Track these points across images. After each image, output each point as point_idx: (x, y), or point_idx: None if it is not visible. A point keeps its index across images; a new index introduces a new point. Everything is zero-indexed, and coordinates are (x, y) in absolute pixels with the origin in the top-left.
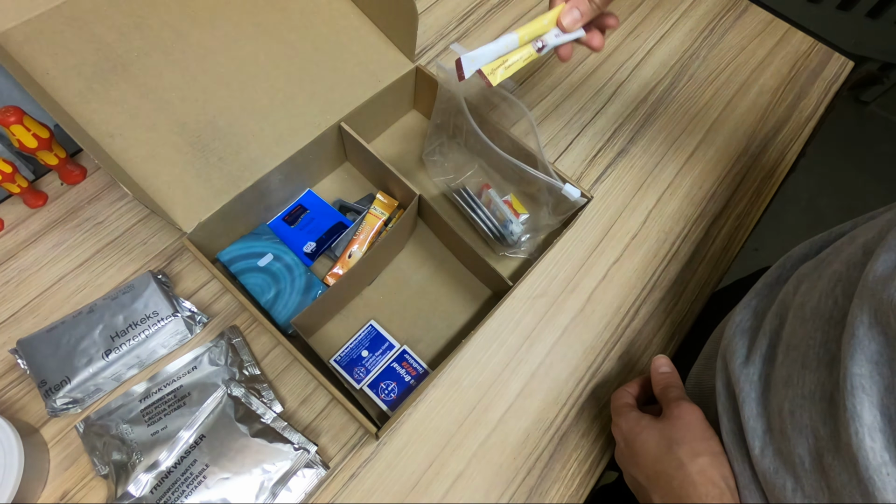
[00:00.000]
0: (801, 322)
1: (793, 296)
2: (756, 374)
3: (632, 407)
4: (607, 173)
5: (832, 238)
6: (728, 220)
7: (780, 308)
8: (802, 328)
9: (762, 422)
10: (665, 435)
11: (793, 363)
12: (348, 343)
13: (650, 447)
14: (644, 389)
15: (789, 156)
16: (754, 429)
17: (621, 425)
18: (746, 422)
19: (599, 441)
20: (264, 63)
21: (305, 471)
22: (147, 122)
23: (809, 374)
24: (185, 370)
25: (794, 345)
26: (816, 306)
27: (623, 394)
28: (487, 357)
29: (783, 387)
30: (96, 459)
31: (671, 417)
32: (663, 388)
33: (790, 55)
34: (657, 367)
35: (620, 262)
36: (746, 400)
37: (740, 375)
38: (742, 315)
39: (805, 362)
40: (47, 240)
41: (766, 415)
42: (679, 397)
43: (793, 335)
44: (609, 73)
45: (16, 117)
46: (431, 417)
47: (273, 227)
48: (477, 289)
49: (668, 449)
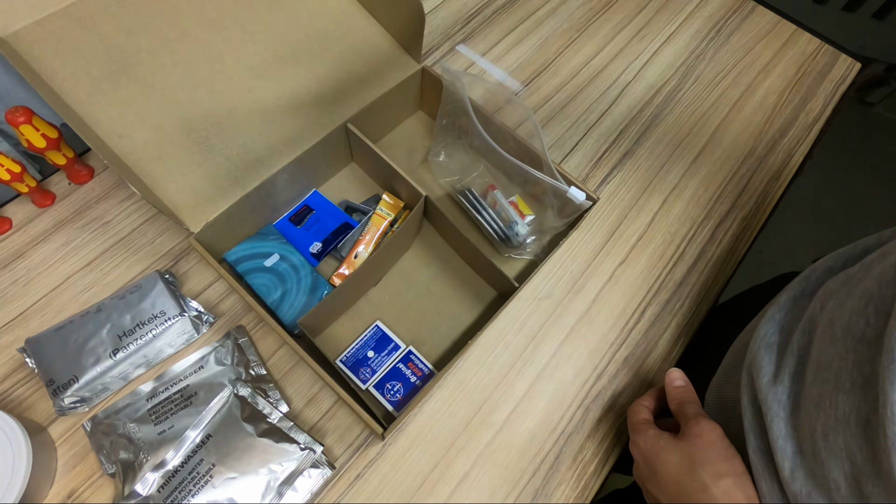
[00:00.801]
0: (831, 341)
1: (820, 312)
2: (785, 393)
3: (649, 423)
4: (613, 174)
5: (858, 252)
6: (734, 222)
7: (807, 325)
8: (833, 347)
9: (792, 442)
10: (686, 455)
11: (824, 384)
12: (354, 343)
13: (671, 467)
14: (659, 402)
15: (796, 157)
16: (783, 449)
17: (640, 444)
18: (775, 441)
19: (605, 443)
20: (271, 63)
21: (311, 471)
22: (155, 122)
23: (843, 396)
24: (191, 370)
25: (824, 364)
26: (847, 325)
27: (639, 409)
28: (493, 358)
29: (815, 408)
30: (103, 458)
31: (691, 436)
32: (679, 403)
33: (797, 56)
34: (671, 380)
35: (626, 263)
36: (775, 419)
37: (768, 393)
38: (767, 328)
39: (837, 384)
40: (55, 239)
41: (797, 435)
42: (697, 414)
43: (822, 354)
44: (615, 75)
45: (25, 117)
46: (437, 418)
47: (279, 228)
48: (482, 290)
49: (691, 470)
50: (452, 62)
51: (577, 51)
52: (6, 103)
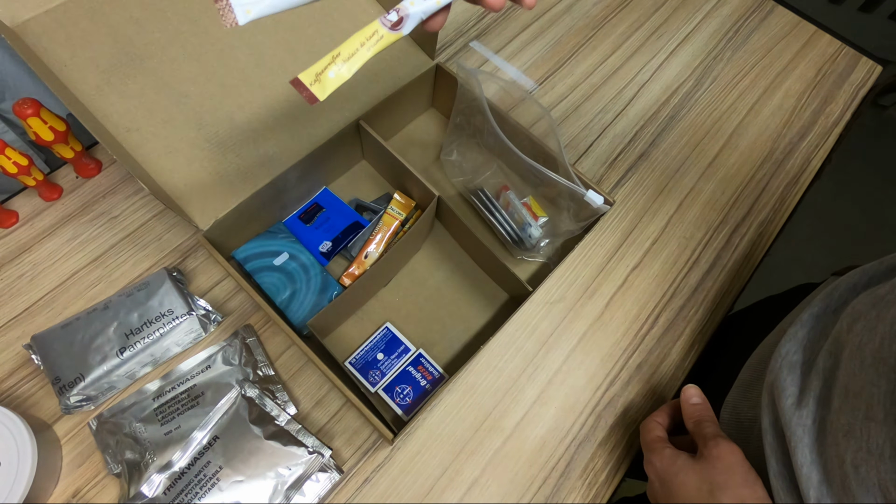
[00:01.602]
0: (861, 366)
1: (847, 334)
2: (810, 418)
3: (664, 442)
4: (628, 177)
5: (884, 270)
6: (751, 228)
7: (833, 346)
8: (862, 373)
9: (817, 470)
10: (705, 478)
11: (854, 412)
12: (364, 345)
13: (689, 490)
14: (672, 418)
15: (815, 162)
16: (808, 477)
17: (655, 463)
18: (800, 469)
19: (617, 451)
20: (283, 58)
21: (319, 475)
22: (164, 116)
23: (875, 426)
24: (198, 369)
25: (854, 391)
26: (878, 351)
27: (653, 426)
28: (503, 363)
29: (844, 437)
30: (109, 457)
31: (710, 458)
32: (697, 421)
33: (817, 58)
34: (688, 397)
35: (640, 268)
36: (799, 445)
37: (792, 417)
38: (788, 347)
39: (869, 413)
40: (62, 233)
41: (823, 463)
42: (716, 434)
43: (851, 379)
44: (631, 75)
45: (33, 109)
46: (446, 423)
47: (288, 226)
48: (494, 292)
49: (711, 494)
50: (466, 59)
51: (593, 49)
52: (13, 93)
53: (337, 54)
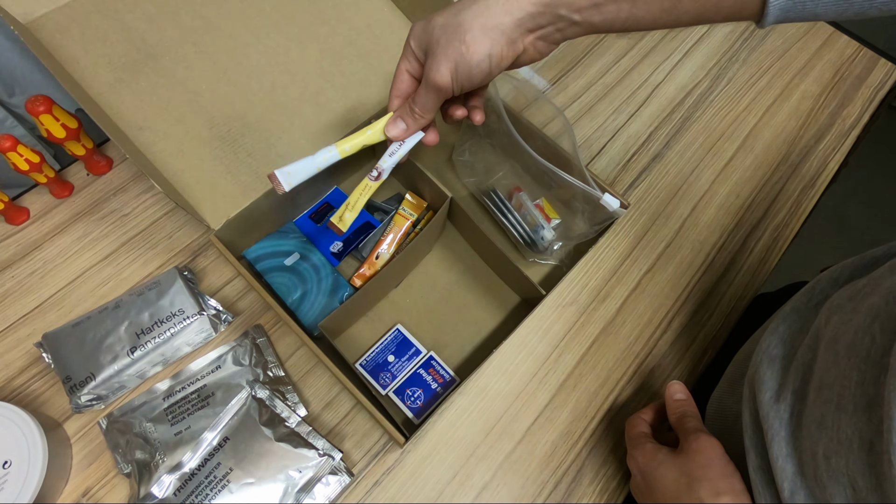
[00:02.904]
0: (835, 359)
1: (824, 327)
2: (787, 412)
3: (647, 437)
4: (641, 179)
5: (865, 263)
6: (766, 231)
7: (812, 340)
8: (836, 366)
9: (792, 463)
10: (684, 471)
11: (826, 403)
12: (374, 347)
13: (668, 483)
14: (659, 415)
15: (831, 165)
16: (784, 469)
17: (637, 457)
18: (775, 461)
19: None
20: (295, 57)
21: (329, 477)
22: (176, 114)
23: (846, 417)
24: (208, 369)
25: (827, 383)
26: (852, 343)
27: (638, 422)
28: (514, 366)
29: (816, 428)
30: (119, 457)
31: (690, 451)
32: (679, 416)
33: (834, 60)
34: (672, 393)
35: (653, 271)
36: (776, 438)
37: (770, 411)
38: (769, 341)
39: (840, 404)
40: (73, 231)
41: (797, 456)
42: (697, 429)
43: (826, 372)
44: (645, 75)
45: (45, 106)
46: (457, 426)
47: (299, 225)
48: (505, 295)
49: (689, 486)
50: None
51: (606, 49)
52: (23, 89)
53: (348, 203)
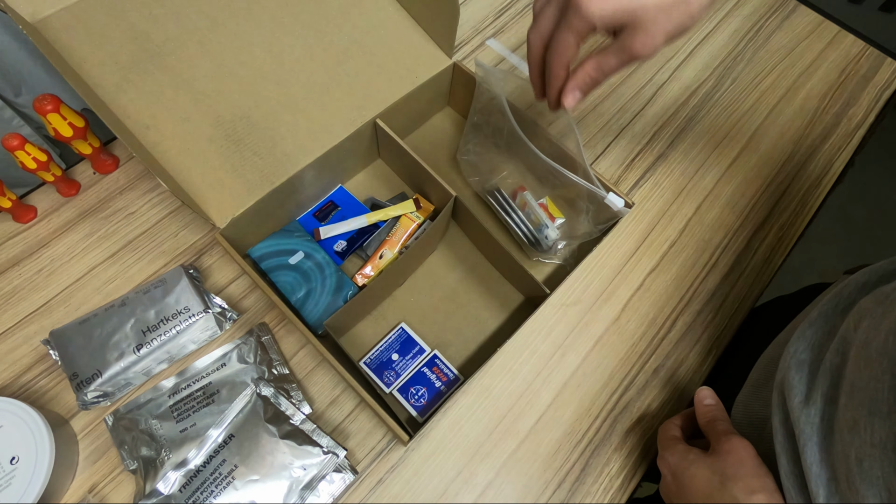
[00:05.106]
0: (866, 362)
1: (854, 332)
2: (818, 416)
3: (679, 440)
4: (645, 178)
5: (893, 269)
6: (771, 231)
7: (840, 344)
8: (868, 369)
9: (825, 468)
10: (716, 470)
11: (859, 407)
12: (378, 345)
13: (701, 482)
14: (691, 422)
15: (837, 165)
16: (818, 476)
17: (668, 458)
18: (809, 468)
19: (633, 456)
20: (300, 56)
21: (334, 475)
22: (182, 113)
23: (879, 420)
24: (213, 367)
25: (859, 386)
26: (883, 346)
27: (670, 426)
28: (518, 365)
29: (849, 432)
30: (125, 454)
31: (721, 452)
32: (709, 420)
33: (840, 59)
34: (701, 398)
35: (657, 271)
36: (808, 443)
37: (800, 415)
38: (797, 346)
39: (873, 407)
40: (79, 229)
41: (830, 461)
42: (727, 430)
43: (857, 376)
44: (649, 74)
45: (53, 106)
46: (461, 425)
47: (303, 223)
48: (509, 294)
49: (721, 485)
50: (482, 57)
51: None
52: (29, 88)
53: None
